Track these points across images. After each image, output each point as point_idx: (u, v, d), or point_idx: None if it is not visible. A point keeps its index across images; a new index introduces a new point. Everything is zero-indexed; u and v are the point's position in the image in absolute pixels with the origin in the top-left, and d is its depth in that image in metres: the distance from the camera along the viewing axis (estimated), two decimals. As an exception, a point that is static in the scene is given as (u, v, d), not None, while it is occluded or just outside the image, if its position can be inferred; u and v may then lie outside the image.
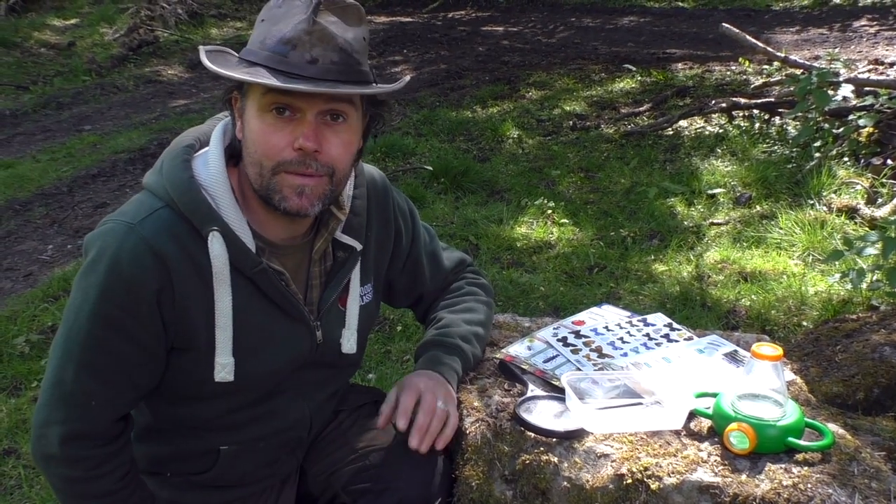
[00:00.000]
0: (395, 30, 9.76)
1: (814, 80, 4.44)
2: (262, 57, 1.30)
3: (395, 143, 5.49)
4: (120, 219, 1.34)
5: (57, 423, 1.37)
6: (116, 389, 1.38)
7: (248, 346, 1.42)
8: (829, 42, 7.48)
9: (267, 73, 1.27)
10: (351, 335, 1.57)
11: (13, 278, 4.10)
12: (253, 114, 1.33)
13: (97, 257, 1.32)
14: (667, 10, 10.19)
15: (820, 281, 3.39)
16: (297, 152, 1.32)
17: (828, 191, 4.16)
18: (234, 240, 1.36)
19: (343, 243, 1.52)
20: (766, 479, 1.35)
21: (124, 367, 1.36)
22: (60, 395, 1.37)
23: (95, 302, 1.31)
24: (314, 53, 1.28)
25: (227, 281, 1.36)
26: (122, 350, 1.35)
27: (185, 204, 1.34)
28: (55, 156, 5.87)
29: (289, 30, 1.28)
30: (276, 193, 1.35)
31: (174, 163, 1.38)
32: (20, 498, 2.46)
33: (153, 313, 1.33)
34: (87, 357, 1.34)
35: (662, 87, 6.50)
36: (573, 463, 1.44)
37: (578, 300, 3.40)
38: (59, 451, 1.38)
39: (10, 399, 2.96)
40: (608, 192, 4.64)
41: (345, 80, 1.30)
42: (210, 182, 1.37)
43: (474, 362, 1.69)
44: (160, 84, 7.97)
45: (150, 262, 1.31)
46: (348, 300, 1.57)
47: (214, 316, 1.38)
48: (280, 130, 1.32)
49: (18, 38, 9.34)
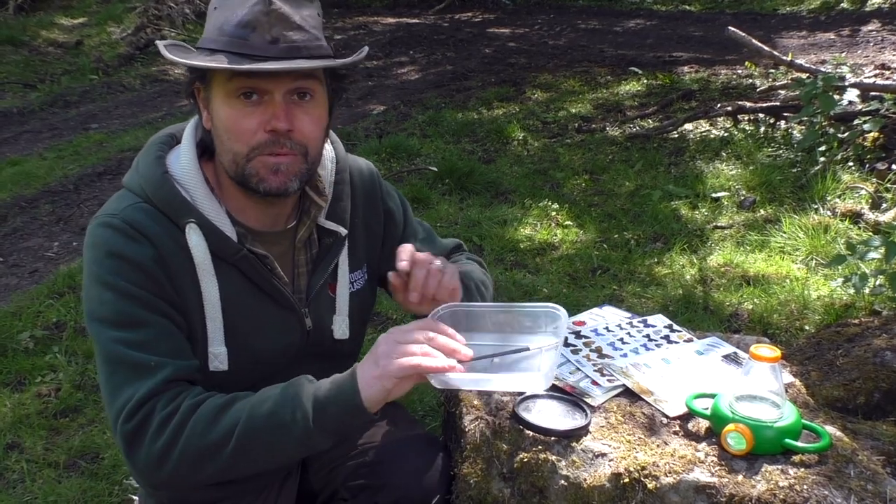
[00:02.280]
0: (402, 31, 9.78)
1: (819, 85, 4.44)
2: (221, 43, 1.31)
3: (401, 144, 5.50)
4: (103, 213, 1.39)
5: (130, 399, 1.32)
6: (172, 355, 1.36)
7: (239, 335, 1.44)
8: (836, 46, 7.47)
9: (228, 58, 1.29)
10: (342, 321, 1.58)
11: (19, 274, 4.13)
12: (220, 102, 1.35)
13: (94, 251, 1.36)
14: (673, 13, 10.19)
15: (822, 285, 3.39)
16: (270, 133, 1.34)
17: (832, 195, 4.15)
18: (213, 230, 1.39)
19: (328, 229, 1.54)
20: (763, 480, 1.36)
21: (164, 334, 1.36)
22: (116, 384, 1.33)
23: (111, 286, 1.34)
24: (274, 33, 1.30)
25: (210, 271, 1.39)
26: (150, 319, 1.35)
27: (160, 199, 1.37)
28: (62, 153, 5.90)
29: (245, 13, 1.30)
30: (253, 177, 1.37)
31: (148, 160, 1.42)
32: (23, 492, 2.47)
33: (160, 281, 1.35)
34: (126, 336, 1.34)
35: (668, 90, 6.50)
36: (571, 462, 1.44)
37: (581, 302, 3.41)
38: (155, 417, 1.30)
39: (14, 394, 2.98)
40: (612, 194, 4.64)
41: (307, 56, 1.32)
42: (182, 176, 1.40)
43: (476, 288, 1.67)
44: (167, 83, 7.99)
45: (136, 235, 1.35)
46: (337, 287, 1.58)
47: (203, 305, 1.40)
48: (249, 115, 1.34)
49: (26, 36, 9.38)
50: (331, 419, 1.28)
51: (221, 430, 1.29)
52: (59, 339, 3.33)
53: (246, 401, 1.32)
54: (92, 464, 2.58)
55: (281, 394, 1.31)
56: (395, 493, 1.49)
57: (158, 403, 1.31)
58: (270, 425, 1.28)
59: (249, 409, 1.30)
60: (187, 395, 1.33)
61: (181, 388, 1.34)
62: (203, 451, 1.29)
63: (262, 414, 1.29)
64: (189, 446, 1.29)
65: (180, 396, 1.32)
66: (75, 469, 2.57)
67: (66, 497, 2.42)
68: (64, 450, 2.64)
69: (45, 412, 2.86)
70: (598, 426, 1.51)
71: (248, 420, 1.29)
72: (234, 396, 1.34)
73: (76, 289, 3.75)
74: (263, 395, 1.33)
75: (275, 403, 1.29)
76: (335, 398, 1.28)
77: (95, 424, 2.78)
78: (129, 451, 1.32)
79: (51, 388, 3.00)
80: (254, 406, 1.31)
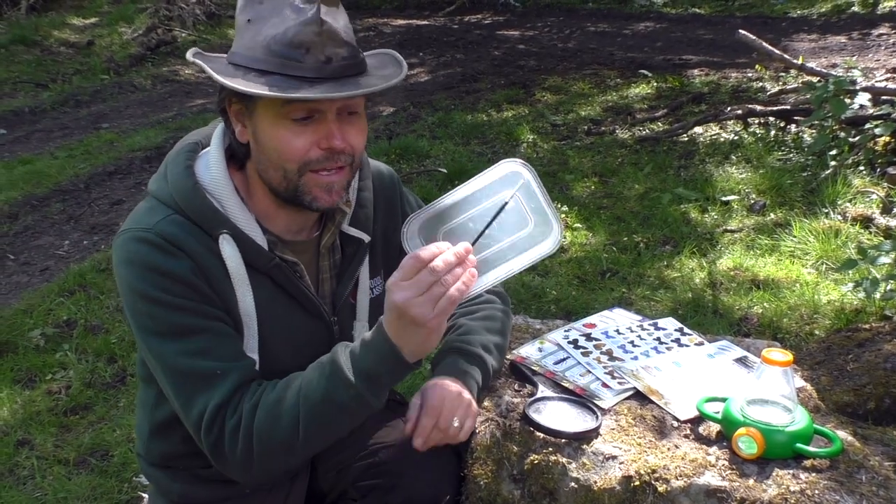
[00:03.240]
0: (412, 33, 9.80)
1: (830, 88, 4.42)
2: (273, 64, 1.29)
3: (410, 146, 5.51)
4: (134, 227, 1.38)
5: (204, 409, 1.34)
6: (233, 358, 1.38)
7: (271, 343, 1.45)
8: (847, 50, 7.44)
9: (282, 81, 1.28)
10: (362, 328, 1.59)
11: (30, 272, 4.15)
12: (269, 123, 1.33)
13: (131, 268, 1.35)
14: (683, 16, 10.16)
15: (833, 290, 3.37)
16: (325, 151, 1.34)
17: (843, 199, 4.13)
18: (245, 239, 1.39)
19: (351, 236, 1.54)
20: (774, 485, 1.36)
21: (222, 337, 1.37)
22: (188, 396, 1.36)
23: (159, 302, 1.34)
24: (327, 53, 1.29)
25: (245, 280, 1.40)
26: (204, 326, 1.36)
27: (193, 210, 1.37)
28: (73, 153, 5.94)
29: (294, 31, 1.28)
30: (305, 195, 1.37)
31: (177, 169, 1.41)
32: (33, 488, 2.49)
33: (203, 290, 1.36)
34: (186, 347, 1.35)
35: (678, 93, 6.49)
36: (581, 464, 1.44)
37: (590, 305, 3.40)
38: (227, 427, 1.34)
39: (25, 391, 3.00)
40: (622, 197, 4.64)
41: (355, 73, 1.33)
42: (213, 186, 1.40)
43: (493, 374, 1.63)
44: (177, 83, 8.03)
45: (173, 250, 1.34)
46: (358, 293, 1.58)
47: (239, 314, 1.41)
48: (301, 134, 1.33)
49: (38, 36, 9.44)
50: (384, 386, 1.32)
51: (286, 422, 1.32)
52: (69, 337, 3.35)
53: (297, 389, 1.34)
54: (102, 461, 2.59)
55: (326, 378, 1.32)
56: (405, 494, 1.49)
57: (227, 412, 1.34)
58: (328, 408, 1.31)
59: (304, 400, 1.32)
60: (246, 396, 1.35)
61: (243, 391, 1.36)
62: (278, 449, 1.34)
63: (318, 400, 1.31)
64: (263, 448, 1.33)
65: (242, 401, 1.34)
66: (85, 466, 2.59)
67: (76, 494, 2.44)
68: (74, 447, 2.66)
69: (55, 409, 2.87)
70: (609, 429, 1.51)
71: (305, 410, 1.32)
72: (285, 385, 1.35)
73: (87, 287, 3.77)
74: (309, 378, 1.34)
75: (324, 389, 1.31)
76: (384, 369, 1.30)
77: (105, 422, 2.79)
78: (217, 461, 1.38)
79: (61, 385, 3.01)
80: (306, 395, 1.33)
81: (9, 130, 6.62)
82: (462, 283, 1.23)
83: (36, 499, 2.45)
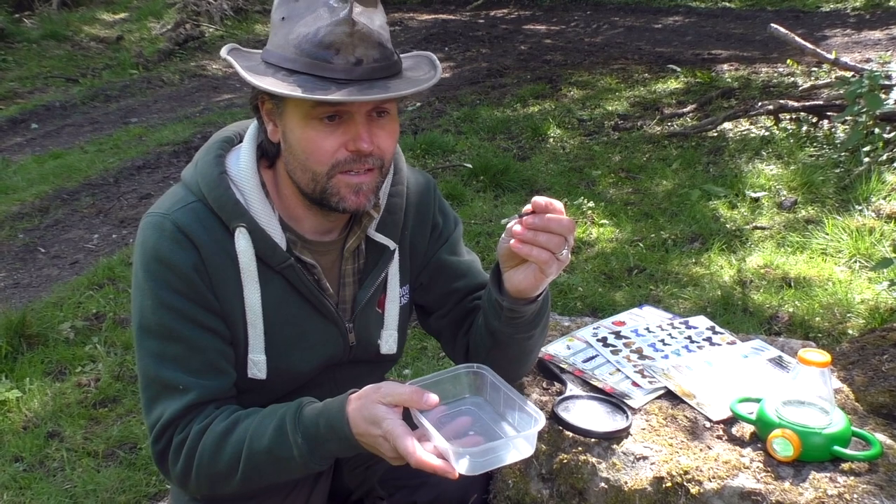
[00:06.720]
0: (438, 27, 9.77)
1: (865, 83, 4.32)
2: (302, 64, 1.27)
3: (435, 141, 5.49)
4: (156, 211, 1.39)
5: (159, 419, 1.37)
6: (200, 374, 1.37)
7: (280, 344, 1.43)
8: (882, 45, 7.29)
9: (311, 81, 1.26)
10: (390, 335, 1.55)
11: (60, 265, 4.20)
12: (297, 122, 1.32)
13: (142, 252, 1.37)
14: (713, 10, 10.03)
15: (867, 288, 3.31)
16: (352, 153, 1.32)
17: (877, 196, 4.06)
18: (262, 235, 1.37)
19: (377, 242, 1.51)
20: (811, 488, 1.33)
21: (196, 350, 1.37)
22: (149, 398, 1.38)
23: (153, 294, 1.35)
24: (357, 55, 1.26)
25: (254, 277, 1.38)
26: (184, 334, 1.36)
27: (214, 199, 1.36)
28: (102, 147, 6.00)
29: (326, 32, 1.26)
30: (333, 196, 1.35)
31: (207, 158, 1.41)
32: (63, 480, 2.52)
33: (200, 290, 1.35)
34: (161, 349, 1.36)
35: (707, 88, 6.40)
36: (611, 464, 1.42)
37: (617, 302, 3.37)
38: (173, 442, 1.36)
39: (55, 383, 3.03)
40: (649, 193, 4.59)
41: (387, 75, 1.30)
42: (240, 178, 1.39)
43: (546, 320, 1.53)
44: (205, 78, 8.08)
45: (182, 240, 1.34)
46: (387, 302, 1.54)
47: (245, 311, 1.39)
48: (330, 135, 1.31)
49: (69, 31, 9.57)
50: (328, 452, 1.31)
51: (226, 459, 1.33)
52: (98, 330, 3.39)
53: (245, 430, 1.34)
54: (130, 454, 2.62)
55: (275, 431, 1.32)
56: (433, 492, 1.48)
57: (178, 428, 1.36)
58: (271, 459, 1.32)
59: (248, 443, 1.32)
60: (198, 418, 1.36)
61: (198, 411, 1.37)
62: (214, 478, 1.36)
63: (262, 450, 1.32)
64: (201, 473, 1.35)
65: (193, 422, 1.36)
66: (114, 458, 2.61)
67: (105, 486, 2.46)
68: (103, 439, 2.68)
69: (84, 402, 2.90)
70: (640, 428, 1.48)
71: (248, 454, 1.32)
72: (234, 421, 1.36)
73: (116, 280, 3.80)
74: (260, 424, 1.34)
75: (271, 441, 1.31)
76: (330, 436, 1.28)
77: (134, 415, 2.81)
78: (160, 468, 1.42)
79: (90, 378, 3.05)
80: (252, 439, 1.33)
81: (40, 125, 6.72)
82: None
83: (65, 490, 2.47)
